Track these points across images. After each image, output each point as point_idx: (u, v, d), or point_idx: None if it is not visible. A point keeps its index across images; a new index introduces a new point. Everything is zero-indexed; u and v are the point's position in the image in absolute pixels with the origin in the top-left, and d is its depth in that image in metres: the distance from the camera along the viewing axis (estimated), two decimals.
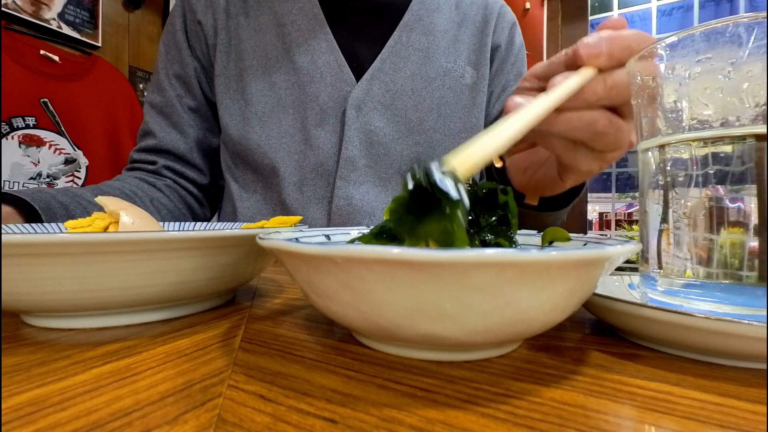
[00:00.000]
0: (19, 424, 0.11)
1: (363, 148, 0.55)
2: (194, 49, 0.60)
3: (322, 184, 0.56)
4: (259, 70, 0.57)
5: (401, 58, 0.56)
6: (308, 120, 0.56)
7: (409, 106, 0.56)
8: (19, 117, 1.41)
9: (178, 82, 0.60)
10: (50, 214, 0.41)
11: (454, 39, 0.59)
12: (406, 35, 0.57)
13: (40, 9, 1.48)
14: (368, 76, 0.55)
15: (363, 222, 0.55)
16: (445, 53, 0.58)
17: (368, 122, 0.55)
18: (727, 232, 0.19)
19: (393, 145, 0.56)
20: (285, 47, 0.56)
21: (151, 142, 0.59)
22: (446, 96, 0.58)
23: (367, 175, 0.56)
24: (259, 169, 0.58)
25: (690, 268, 0.20)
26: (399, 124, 0.56)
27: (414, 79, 0.56)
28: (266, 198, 0.58)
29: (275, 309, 0.25)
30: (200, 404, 0.13)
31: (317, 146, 0.55)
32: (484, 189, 0.20)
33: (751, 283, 0.18)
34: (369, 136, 0.55)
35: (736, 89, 0.18)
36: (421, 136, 0.57)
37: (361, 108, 0.55)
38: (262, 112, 0.56)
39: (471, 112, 0.60)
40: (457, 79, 0.58)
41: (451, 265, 0.12)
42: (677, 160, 0.20)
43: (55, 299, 0.19)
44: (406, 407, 0.13)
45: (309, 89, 0.55)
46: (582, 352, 0.18)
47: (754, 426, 0.12)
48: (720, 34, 0.18)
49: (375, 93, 0.55)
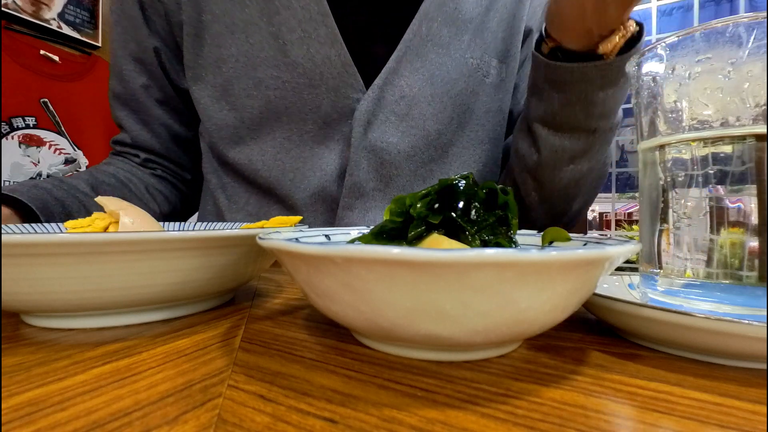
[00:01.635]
0: (19, 424, 0.11)
1: (372, 170, 0.47)
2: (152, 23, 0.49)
3: (323, 209, 0.48)
4: (240, 61, 0.45)
5: (419, 57, 0.46)
6: (308, 134, 0.47)
7: (427, 116, 0.47)
8: (19, 117, 1.41)
9: (138, 66, 0.51)
10: (47, 213, 0.41)
11: (481, 27, 0.49)
12: (426, 26, 0.46)
13: (40, 9, 1.48)
14: (380, 81, 0.45)
15: None
16: (470, 47, 0.48)
17: (379, 138, 0.46)
18: (727, 232, 0.19)
19: (407, 164, 0.48)
20: (272, 31, 0.44)
21: (127, 139, 0.54)
22: (468, 101, 0.49)
23: (376, 199, 0.48)
24: (251, 183, 0.50)
25: (690, 268, 0.20)
26: (415, 138, 0.48)
27: (433, 81, 0.47)
28: (260, 215, 0.50)
29: (275, 309, 0.25)
30: (200, 404, 0.13)
31: (319, 167, 0.47)
32: (484, 189, 0.20)
33: (751, 283, 0.18)
34: (380, 155, 0.46)
35: (737, 89, 0.18)
36: (438, 152, 0.49)
37: (370, 123, 0.46)
38: (250, 119, 0.47)
39: (496, 119, 0.52)
40: (481, 78, 0.50)
41: (451, 265, 0.12)
42: (677, 160, 0.20)
43: (55, 299, 0.19)
44: (406, 407, 0.13)
45: (306, 95, 0.45)
46: (582, 352, 0.18)
47: (754, 426, 0.12)
48: (720, 34, 0.18)
49: (388, 101, 0.46)
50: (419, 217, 0.20)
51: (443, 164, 0.50)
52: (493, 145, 0.53)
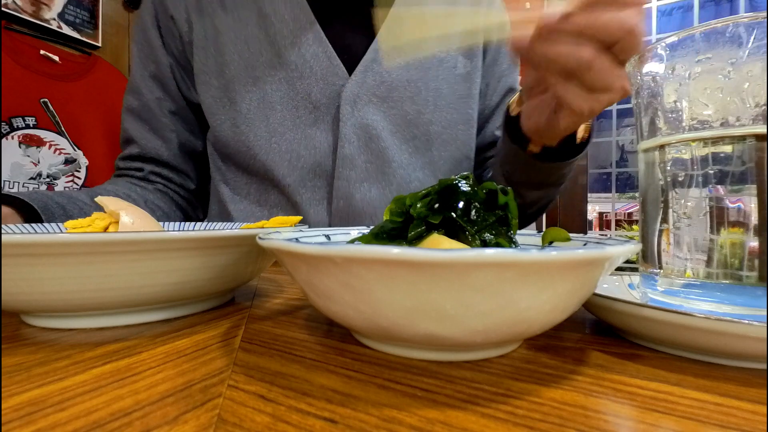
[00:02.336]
0: (20, 424, 0.11)
1: (361, 145, 0.54)
2: (168, 45, 0.57)
3: (321, 184, 0.54)
4: (241, 65, 0.54)
5: (394, 48, 0.56)
6: (300, 119, 0.54)
7: (405, 98, 0.55)
8: (19, 117, 1.41)
9: (155, 83, 0.57)
10: (49, 214, 0.41)
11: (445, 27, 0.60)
12: (398, 24, 0.56)
13: (40, 9, 1.48)
14: (362, 67, 0.54)
15: (365, 223, 0.54)
16: (438, 42, 0.58)
17: (364, 116, 0.54)
18: (727, 232, 0.19)
19: (392, 139, 0.55)
20: (269, 40, 0.53)
21: (135, 150, 0.58)
22: (441, 87, 0.57)
23: (368, 171, 0.54)
24: (251, 171, 0.56)
25: (690, 268, 0.20)
26: (396, 117, 0.55)
27: (408, 69, 0.56)
28: (261, 201, 0.56)
29: (275, 309, 0.25)
30: (200, 404, 0.13)
31: (312, 146, 0.54)
32: (484, 189, 0.21)
33: (751, 283, 0.18)
34: (366, 131, 0.54)
35: (737, 89, 0.18)
36: (419, 129, 0.56)
37: (356, 102, 0.53)
38: (247, 110, 0.54)
39: (467, 103, 0.60)
40: (450, 69, 0.58)
41: (451, 265, 0.12)
42: (677, 160, 0.20)
43: (55, 299, 0.19)
44: (406, 407, 0.13)
45: (298, 85, 0.53)
46: (582, 352, 0.18)
47: (754, 426, 0.12)
48: (720, 34, 0.18)
49: (369, 85, 0.54)
50: (419, 217, 0.20)
51: (426, 141, 0.57)
52: (467, 126, 0.61)
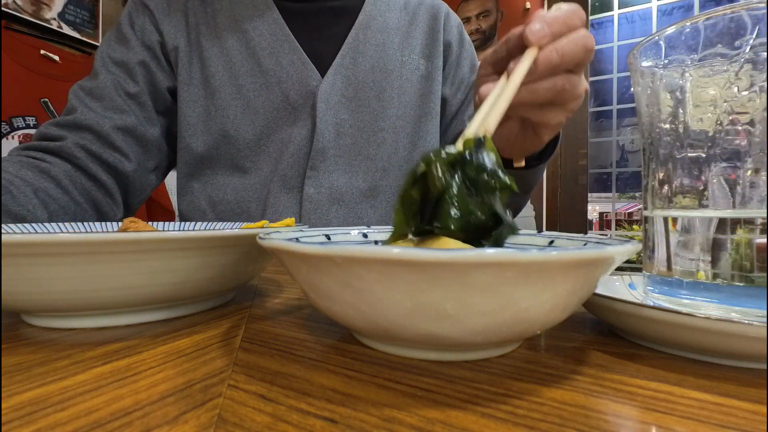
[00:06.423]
0: (20, 424, 0.11)
1: (332, 139, 0.60)
2: (145, 43, 0.58)
3: (293, 174, 0.59)
4: (225, 75, 0.59)
5: (360, 53, 0.61)
6: (281, 119, 0.59)
7: (371, 97, 0.62)
8: (19, 117, 1.41)
9: (119, 68, 0.56)
10: None
11: (407, 35, 0.66)
12: (363, 33, 0.62)
13: (40, 9, 1.48)
14: (332, 71, 0.60)
15: (331, 208, 0.59)
16: (400, 48, 0.65)
17: (336, 114, 0.60)
18: (731, 233, 0.19)
19: (359, 134, 0.61)
20: (249, 52, 0.59)
21: (69, 117, 0.52)
22: (404, 86, 0.64)
23: (337, 164, 0.60)
24: (231, 170, 0.61)
25: (693, 269, 0.20)
26: (363, 114, 0.61)
27: (374, 71, 0.62)
28: (238, 199, 0.60)
29: (275, 309, 0.25)
30: (200, 404, 0.13)
31: (291, 142, 0.59)
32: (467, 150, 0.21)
33: (753, 284, 0.18)
34: (337, 127, 0.60)
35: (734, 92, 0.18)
36: (385, 122, 0.63)
37: (329, 101, 0.59)
38: (234, 115, 0.59)
39: (428, 99, 0.66)
40: (413, 70, 0.65)
41: (452, 265, 0.12)
42: None
43: (55, 299, 0.19)
44: (406, 407, 0.13)
45: (277, 89, 0.59)
46: (582, 352, 0.18)
47: (754, 426, 0.12)
48: (719, 28, 0.18)
49: (339, 87, 0.60)
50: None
51: (391, 132, 0.63)
52: (430, 119, 0.66)
